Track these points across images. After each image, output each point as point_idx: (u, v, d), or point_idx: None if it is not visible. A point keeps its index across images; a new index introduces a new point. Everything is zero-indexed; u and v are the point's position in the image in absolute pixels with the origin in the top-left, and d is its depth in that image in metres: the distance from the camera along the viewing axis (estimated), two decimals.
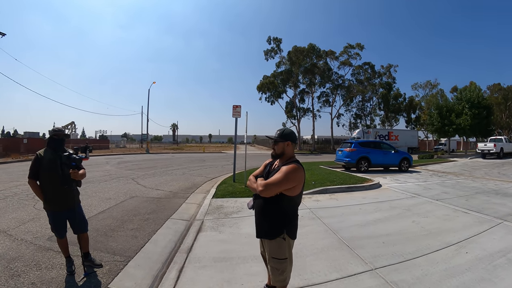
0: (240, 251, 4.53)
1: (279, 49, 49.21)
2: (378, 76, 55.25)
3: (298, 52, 46.61)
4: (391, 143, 26.87)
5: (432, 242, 4.93)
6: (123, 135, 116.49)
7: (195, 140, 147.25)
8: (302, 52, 46.64)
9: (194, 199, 8.87)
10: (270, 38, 48.85)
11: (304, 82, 50.43)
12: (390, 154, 16.78)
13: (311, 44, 47.61)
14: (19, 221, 6.00)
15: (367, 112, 57.57)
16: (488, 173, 16.00)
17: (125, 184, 11.06)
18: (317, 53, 48.51)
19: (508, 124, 59.11)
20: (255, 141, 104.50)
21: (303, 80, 50.05)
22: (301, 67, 47.42)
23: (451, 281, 3.56)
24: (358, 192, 9.72)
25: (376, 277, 3.66)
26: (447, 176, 14.86)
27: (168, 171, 15.86)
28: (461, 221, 6.37)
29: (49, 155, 3.61)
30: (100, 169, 16.65)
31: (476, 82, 35.90)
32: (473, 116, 31.62)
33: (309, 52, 47.23)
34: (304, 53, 46.70)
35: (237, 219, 6.41)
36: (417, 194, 9.36)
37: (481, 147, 29.06)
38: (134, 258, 4.34)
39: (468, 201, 8.36)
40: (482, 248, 4.66)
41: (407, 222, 6.22)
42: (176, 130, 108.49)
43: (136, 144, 65.76)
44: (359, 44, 51.06)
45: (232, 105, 11.24)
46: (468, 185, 11.46)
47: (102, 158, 25.90)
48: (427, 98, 59.17)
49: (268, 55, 49.74)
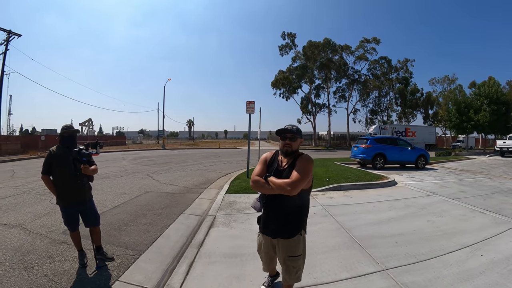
0: (251, 247, 4.50)
1: (294, 44, 48.79)
2: (394, 71, 54.21)
3: (313, 47, 46.17)
4: (408, 140, 26.43)
5: (446, 243, 4.79)
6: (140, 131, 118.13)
7: (210, 136, 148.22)
8: (317, 47, 46.19)
9: (207, 194, 8.92)
10: (284, 33, 48.43)
11: (319, 77, 50.02)
12: (407, 150, 16.50)
13: (326, 39, 47.12)
14: (35, 215, 6.15)
15: (383, 107, 56.74)
16: (507, 171, 15.49)
17: (140, 180, 11.20)
18: (333, 48, 47.98)
19: None
20: (270, 137, 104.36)
21: (319, 75, 49.64)
22: (316, 62, 46.97)
23: (464, 284, 3.45)
24: (373, 190, 9.60)
25: (387, 278, 3.59)
26: (465, 174, 14.50)
27: (183, 167, 16.00)
28: (477, 221, 6.17)
29: (61, 151, 3.71)
30: (117, 164, 16.93)
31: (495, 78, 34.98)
32: (492, 112, 30.71)
33: (325, 46, 46.73)
34: (319, 48, 46.22)
35: (249, 215, 6.40)
36: (433, 193, 9.17)
37: (500, 145, 28.24)
38: (146, 252, 4.39)
39: (485, 201, 8.13)
40: (498, 251, 4.49)
41: (421, 222, 6.08)
42: (192, 126, 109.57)
43: (153, 140, 66.49)
44: (375, 39, 50.27)
45: (248, 100, 11.21)
46: (485, 184, 11.17)
47: (119, 154, 26.31)
48: (445, 94, 58.06)
49: (282, 51, 49.36)
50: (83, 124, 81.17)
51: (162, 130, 49.65)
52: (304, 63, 48.10)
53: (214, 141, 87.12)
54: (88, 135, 56.62)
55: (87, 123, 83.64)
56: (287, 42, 48.80)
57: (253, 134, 14.26)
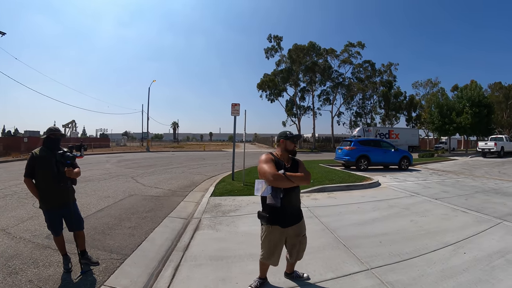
0: (237, 249, 4.53)
1: (280, 47, 49.14)
2: (378, 74, 55.20)
3: (299, 50, 46.55)
4: (392, 142, 26.85)
5: (429, 242, 4.90)
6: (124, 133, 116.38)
7: (195, 138, 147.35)
8: (302, 50, 46.58)
9: (192, 197, 8.88)
10: (270, 36, 48.77)
11: (304, 81, 50.48)
12: (390, 152, 16.75)
13: (311, 42, 47.59)
14: (18, 219, 6.01)
15: (367, 110, 57.61)
16: (489, 172, 15.95)
17: (124, 183, 11.07)
18: (318, 51, 48.48)
19: (509, 123, 59.00)
20: (255, 139, 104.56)
21: (304, 78, 50.10)
22: (301, 65, 47.39)
23: (448, 282, 3.53)
24: (357, 191, 9.71)
25: (372, 277, 3.65)
26: (447, 175, 14.83)
27: (168, 170, 15.86)
28: (460, 220, 6.34)
29: (44, 153, 3.64)
30: (100, 167, 16.67)
31: (477, 81, 35.86)
32: (473, 114, 31.56)
33: (310, 50, 47.18)
34: (304, 51, 46.64)
35: (234, 217, 6.41)
36: (416, 193, 9.34)
37: (482, 146, 29.02)
38: (131, 256, 4.35)
39: (467, 201, 8.34)
40: (481, 248, 4.62)
41: (405, 221, 6.20)
42: (176, 129, 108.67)
43: (137, 142, 65.70)
44: (360, 43, 50.95)
45: (233, 103, 11.23)
46: (468, 184, 11.44)
47: (103, 157, 25.93)
48: (427, 97, 59.04)
49: (268, 53, 49.70)
50: (66, 126, 79.51)
51: (146, 132, 49.16)
52: (290, 66, 48.46)
53: (199, 143, 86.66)
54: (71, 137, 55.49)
55: (70, 124, 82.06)
56: (273, 45, 49.16)
57: (238, 136, 14.26)
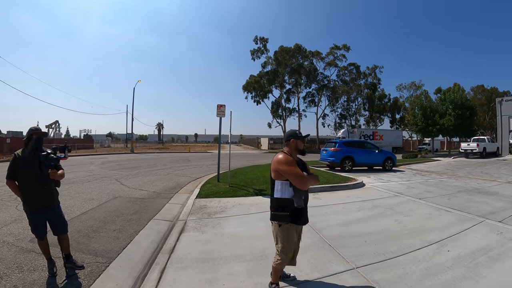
0: (223, 251, 4.53)
1: (266, 49, 49.37)
2: (363, 77, 55.99)
3: (285, 52, 46.81)
4: (376, 143, 27.18)
5: (414, 241, 4.99)
6: (108, 134, 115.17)
7: (180, 140, 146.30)
8: (288, 52, 46.86)
9: (177, 199, 8.83)
10: (257, 37, 49.04)
11: (290, 83, 50.79)
12: (374, 153, 16.96)
13: (297, 45, 47.92)
14: (1, 223, 5.87)
15: (352, 112, 58.29)
16: (471, 172, 16.29)
17: (108, 185, 10.93)
18: (303, 54, 48.84)
19: (491, 125, 60.36)
20: (241, 140, 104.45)
21: (289, 80, 50.40)
22: (287, 67, 47.67)
23: (433, 279, 3.61)
24: (342, 192, 9.81)
25: (358, 276, 3.69)
26: (431, 175, 15.10)
27: (153, 171, 15.72)
28: (443, 219, 6.47)
29: (27, 155, 3.55)
30: (84, 169, 16.39)
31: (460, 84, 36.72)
32: (456, 116, 32.26)
33: (295, 52, 47.51)
34: (290, 53, 46.94)
35: (220, 219, 6.40)
36: (400, 193, 9.49)
37: (464, 147, 29.72)
38: (116, 260, 4.30)
39: (450, 200, 8.51)
40: (464, 246, 4.73)
41: (389, 221, 6.29)
42: (161, 130, 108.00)
43: (121, 143, 64.97)
44: (345, 45, 51.59)
45: (219, 104, 11.23)
46: (451, 184, 11.67)
47: (87, 158, 25.51)
48: (411, 99, 60.06)
49: (254, 55, 49.90)
50: (49, 127, 78.17)
51: (131, 134, 48.49)
52: (275, 68, 48.66)
53: (184, 144, 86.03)
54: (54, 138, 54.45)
55: (54, 125, 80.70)
56: (259, 47, 49.35)
57: (224, 137, 14.23)
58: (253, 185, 10.49)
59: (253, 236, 5.27)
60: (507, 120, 34.04)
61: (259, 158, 29.09)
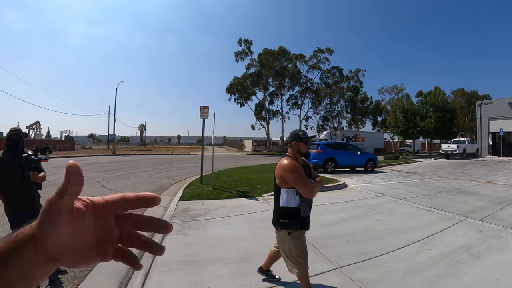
0: (207, 253, 4.52)
1: (250, 51, 49.25)
2: (346, 80, 56.48)
3: (269, 55, 46.85)
4: (358, 145, 27.44)
5: (396, 240, 5.09)
6: (89, 135, 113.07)
7: (163, 141, 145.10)
8: (272, 54, 46.92)
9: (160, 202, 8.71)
10: (241, 39, 48.79)
11: (273, 85, 50.77)
12: (356, 155, 17.20)
13: (281, 47, 48.01)
14: None
15: (334, 114, 58.73)
16: (452, 172, 16.73)
17: (90, 187, 10.74)
18: (287, 56, 48.97)
19: (471, 127, 61.64)
20: (224, 142, 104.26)
21: (273, 83, 50.38)
22: (271, 69, 47.67)
23: (415, 277, 3.70)
24: (324, 193, 9.86)
25: (341, 276, 3.74)
26: (412, 176, 15.40)
27: (135, 174, 15.55)
28: (424, 219, 6.62)
29: (8, 156, 3.46)
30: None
31: (441, 87, 37.56)
32: (437, 119, 32.97)
33: (279, 55, 47.58)
34: (274, 56, 46.98)
35: (203, 221, 6.38)
36: (382, 194, 9.64)
37: (445, 148, 30.47)
38: (99, 264, 4.21)
39: (431, 200, 8.71)
40: (445, 244, 4.87)
41: (371, 221, 6.40)
42: (144, 131, 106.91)
43: (103, 145, 63.79)
44: (328, 49, 51.94)
45: (202, 105, 11.17)
46: (432, 185, 11.93)
47: (68, 160, 24.95)
48: (393, 102, 60.98)
49: (238, 57, 49.67)
50: (30, 127, 76.11)
51: (112, 135, 47.74)
52: (259, 70, 48.61)
53: (167, 146, 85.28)
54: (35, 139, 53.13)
55: (34, 126, 78.65)
56: (243, 49, 49.17)
57: (207, 139, 14.17)
58: (237, 187, 10.49)
59: (237, 238, 5.28)
60: (487, 122, 35.20)
61: (243, 160, 29.08)
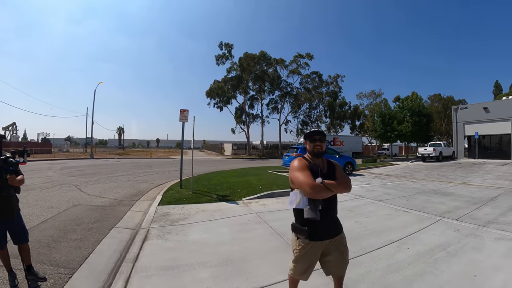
0: (187, 258, 4.55)
1: (231, 55, 49.36)
2: (325, 85, 57.62)
3: (249, 59, 47.07)
4: (337, 148, 27.95)
5: (374, 241, 5.22)
6: (67, 138, 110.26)
7: (142, 145, 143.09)
8: (253, 59, 47.16)
9: (139, 206, 8.69)
10: (222, 43, 48.87)
11: (254, 89, 51.06)
12: (335, 158, 17.41)
13: (262, 52, 48.38)
14: None
15: (313, 119, 59.55)
16: (428, 175, 17.21)
17: (68, 192, 10.56)
18: (268, 61, 49.38)
19: (447, 131, 63.40)
20: (204, 146, 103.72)
21: (253, 87, 50.65)
22: (251, 73, 47.92)
23: (394, 275, 3.83)
24: None
25: (321, 277, 3.82)
26: (389, 178, 15.75)
27: (113, 178, 15.32)
28: (402, 219, 6.83)
29: None
30: (42, 175, 15.71)
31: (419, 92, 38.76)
32: (414, 123, 34.01)
33: (260, 59, 47.90)
34: (255, 60, 47.24)
35: (183, 226, 6.41)
36: (360, 196, 9.82)
37: (422, 151, 31.30)
38: (79, 270, 4.22)
39: (409, 201, 8.97)
40: (423, 243, 5.04)
41: (350, 223, 6.46)
42: (122, 134, 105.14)
43: (80, 148, 62.40)
44: (308, 54, 52.81)
45: (182, 109, 11.15)
46: (409, 186, 12.27)
47: (44, 163, 24.37)
48: (371, 107, 62.19)
49: (219, 61, 49.70)
50: (6, 129, 73.64)
51: (90, 138, 46.87)
52: (240, 74, 48.76)
53: (145, 150, 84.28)
54: (11, 141, 51.63)
55: (11, 127, 76.22)
56: (224, 53, 49.24)
57: (186, 143, 14.15)
58: (217, 191, 10.52)
59: (217, 242, 5.32)
60: (462, 126, 36.53)
61: (222, 164, 29.05)
